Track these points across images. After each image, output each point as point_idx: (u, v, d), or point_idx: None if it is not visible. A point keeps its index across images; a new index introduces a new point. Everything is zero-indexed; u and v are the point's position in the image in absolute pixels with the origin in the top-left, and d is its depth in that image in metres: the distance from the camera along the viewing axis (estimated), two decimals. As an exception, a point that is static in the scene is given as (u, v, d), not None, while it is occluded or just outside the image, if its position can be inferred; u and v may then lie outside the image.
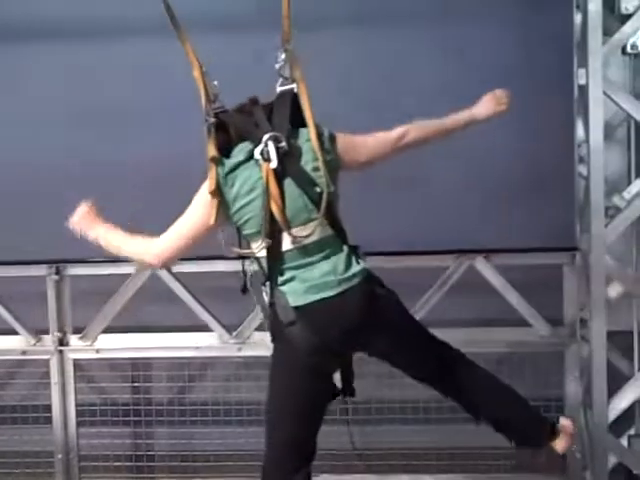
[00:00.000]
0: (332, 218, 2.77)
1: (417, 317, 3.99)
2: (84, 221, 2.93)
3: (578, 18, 3.79)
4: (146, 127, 4.39)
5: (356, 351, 2.92)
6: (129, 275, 4.19)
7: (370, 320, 2.78)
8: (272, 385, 2.88)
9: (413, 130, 2.90)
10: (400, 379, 3.26)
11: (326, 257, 2.76)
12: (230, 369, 4.33)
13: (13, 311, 4.30)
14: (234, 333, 4.17)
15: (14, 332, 4.30)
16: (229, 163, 2.74)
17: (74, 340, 4.27)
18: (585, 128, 3.73)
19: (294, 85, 2.79)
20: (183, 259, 4.07)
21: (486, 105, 2.99)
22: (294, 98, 2.78)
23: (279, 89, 2.81)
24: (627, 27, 3.59)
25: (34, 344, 4.28)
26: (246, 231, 2.77)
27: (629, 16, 3.62)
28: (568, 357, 4.02)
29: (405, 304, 4.01)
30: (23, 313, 4.31)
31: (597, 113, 3.57)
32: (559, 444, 3.01)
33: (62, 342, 4.25)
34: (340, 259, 2.77)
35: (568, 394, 4.04)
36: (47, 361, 4.26)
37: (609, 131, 3.83)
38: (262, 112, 2.77)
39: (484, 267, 4.02)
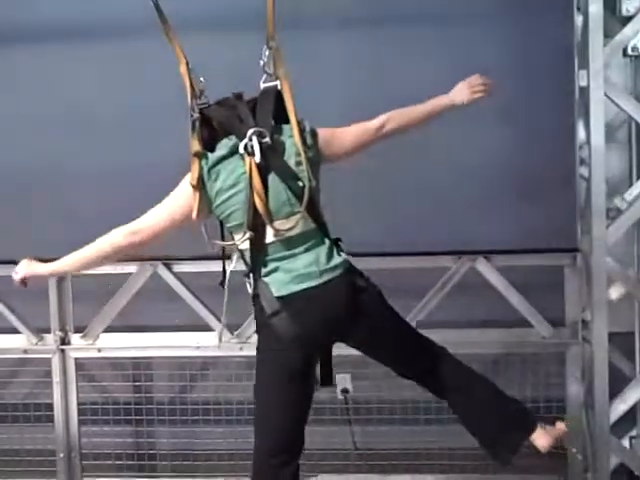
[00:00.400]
0: (314, 212, 2.82)
1: (418, 318, 4.04)
2: (30, 267, 2.99)
3: (579, 20, 3.78)
4: (134, 130, 4.42)
5: (337, 341, 2.96)
6: (130, 274, 4.21)
7: (352, 310, 2.83)
8: (258, 377, 2.91)
9: (393, 119, 2.95)
10: (401, 379, 3.28)
11: (308, 249, 2.81)
12: (231, 368, 4.33)
13: (15, 310, 4.31)
14: (235, 333, 4.18)
15: (16, 331, 4.31)
16: (213, 157, 2.78)
17: (76, 339, 4.27)
18: (586, 130, 3.72)
19: (277, 82, 2.83)
20: (184, 259, 4.13)
21: (462, 91, 3.01)
22: (277, 95, 2.82)
23: (263, 85, 2.85)
24: (628, 29, 3.57)
25: (36, 343, 4.29)
26: (229, 224, 2.82)
27: (630, 18, 3.59)
28: (569, 358, 4.01)
29: (406, 305, 4.05)
30: (25, 312, 4.32)
31: (598, 115, 3.56)
32: (540, 440, 3.00)
33: (64, 341, 4.26)
34: (322, 251, 2.82)
35: (570, 395, 4.03)
36: (49, 360, 4.27)
37: (610, 133, 3.82)
38: (246, 107, 2.81)
39: (485, 268, 4.02)
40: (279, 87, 2.83)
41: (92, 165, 4.48)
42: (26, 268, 2.99)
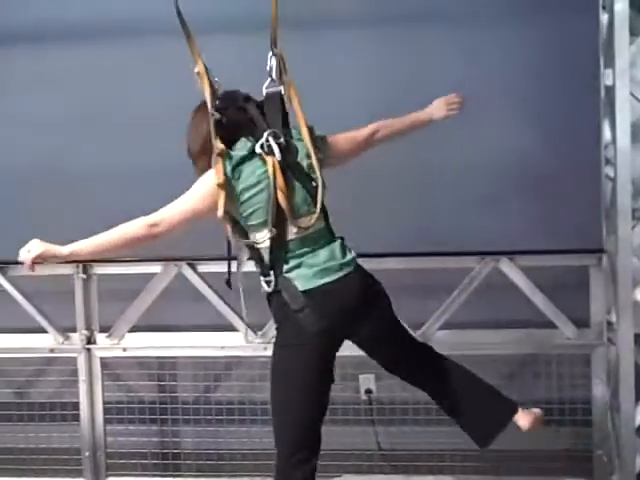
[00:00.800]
0: (324, 211, 2.94)
1: (442, 318, 4.04)
2: (45, 247, 2.82)
3: (605, 18, 3.75)
4: (143, 131, 4.46)
5: (347, 336, 3.02)
6: (155, 274, 4.23)
7: (365, 304, 2.94)
8: (279, 372, 2.96)
9: (382, 128, 3.16)
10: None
11: (324, 245, 2.92)
12: (255, 368, 4.34)
13: (42, 310, 4.35)
14: (259, 333, 4.19)
15: (43, 330, 4.35)
16: (236, 156, 2.84)
17: (101, 338, 4.30)
18: (612, 129, 3.68)
19: (281, 87, 2.90)
20: (209, 259, 4.14)
21: (440, 107, 3.24)
22: (281, 99, 2.90)
23: (267, 90, 2.91)
24: (654, 27, 3.55)
25: (62, 342, 4.32)
26: (251, 222, 2.88)
27: (656, 16, 3.58)
28: (595, 360, 3.98)
29: (429, 305, 4.05)
30: (52, 312, 4.35)
31: (624, 114, 3.53)
32: (522, 421, 3.12)
33: (89, 340, 4.29)
34: (335, 247, 2.94)
35: (595, 397, 4.01)
36: (75, 359, 4.30)
37: (636, 132, 3.77)
38: (256, 110, 2.88)
39: (509, 268, 4.00)
40: (283, 92, 2.89)
41: (102, 165, 4.54)
42: (41, 247, 2.81)
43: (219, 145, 2.81)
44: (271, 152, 2.81)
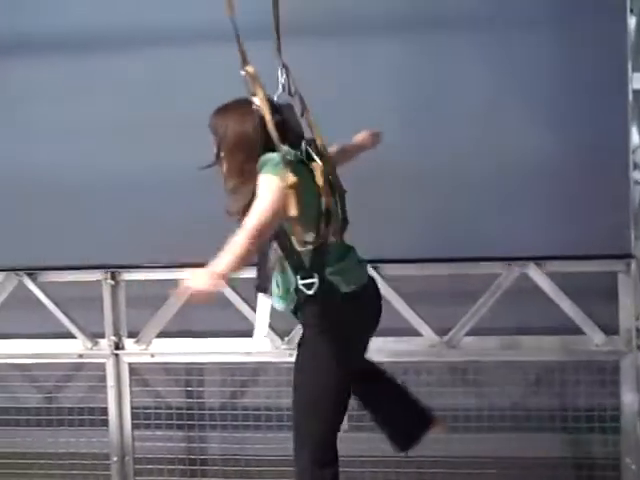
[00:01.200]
0: None
1: (468, 324, 4.02)
2: (209, 278, 2.67)
3: (632, 22, 3.74)
4: (147, 139, 4.51)
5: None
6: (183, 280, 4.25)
7: (379, 306, 3.13)
8: (314, 374, 2.97)
9: (342, 148, 3.32)
10: (452, 387, 3.29)
11: (349, 251, 3.03)
12: (282, 374, 4.35)
13: (71, 315, 4.39)
14: (286, 339, 4.19)
15: (72, 336, 4.39)
16: (295, 160, 2.86)
17: (129, 344, 4.32)
18: (640, 134, 3.68)
19: (291, 98, 2.97)
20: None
21: (365, 137, 3.44)
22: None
23: (279, 100, 2.97)
24: (682, 30, 3.54)
25: (91, 348, 4.36)
26: (304, 224, 2.89)
27: (684, 19, 3.57)
28: (624, 366, 3.94)
29: (457, 310, 4.04)
30: (80, 317, 4.39)
31: (652, 118, 3.52)
32: (436, 429, 3.36)
33: (118, 346, 4.32)
34: (355, 253, 3.05)
35: (624, 404, 3.96)
36: (103, 364, 4.33)
37: (664, 136, 3.78)
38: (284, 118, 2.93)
39: (537, 274, 3.98)
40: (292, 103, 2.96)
41: (106, 173, 4.60)
42: (205, 276, 2.65)
43: (285, 148, 2.84)
44: (311, 159, 2.91)
